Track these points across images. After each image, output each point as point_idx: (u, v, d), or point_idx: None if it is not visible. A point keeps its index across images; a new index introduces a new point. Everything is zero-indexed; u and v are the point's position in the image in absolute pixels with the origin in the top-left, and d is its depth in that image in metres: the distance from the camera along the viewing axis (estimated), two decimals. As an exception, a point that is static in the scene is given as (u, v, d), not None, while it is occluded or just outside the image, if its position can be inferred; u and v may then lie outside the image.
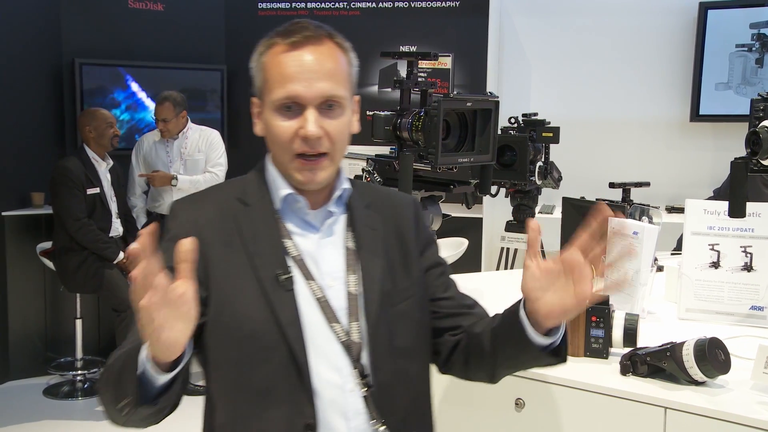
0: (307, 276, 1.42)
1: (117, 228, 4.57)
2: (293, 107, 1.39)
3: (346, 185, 1.51)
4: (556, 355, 1.42)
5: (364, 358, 1.42)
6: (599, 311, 1.91)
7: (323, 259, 1.45)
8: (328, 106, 1.40)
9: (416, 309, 1.52)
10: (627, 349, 1.87)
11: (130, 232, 4.67)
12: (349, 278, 1.45)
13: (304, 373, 1.36)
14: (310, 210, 1.47)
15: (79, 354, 4.76)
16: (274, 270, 1.39)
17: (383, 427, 1.41)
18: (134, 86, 5.40)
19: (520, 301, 1.41)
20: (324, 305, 1.41)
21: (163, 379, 1.23)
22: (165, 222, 1.46)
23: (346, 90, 1.44)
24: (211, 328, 1.38)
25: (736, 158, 2.00)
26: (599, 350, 1.92)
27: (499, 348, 1.45)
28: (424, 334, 1.54)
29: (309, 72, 1.38)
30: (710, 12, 5.21)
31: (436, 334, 1.56)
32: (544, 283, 1.33)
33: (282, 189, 1.45)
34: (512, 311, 1.43)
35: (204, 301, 1.36)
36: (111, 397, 1.26)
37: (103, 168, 4.54)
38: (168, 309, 1.15)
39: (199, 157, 4.83)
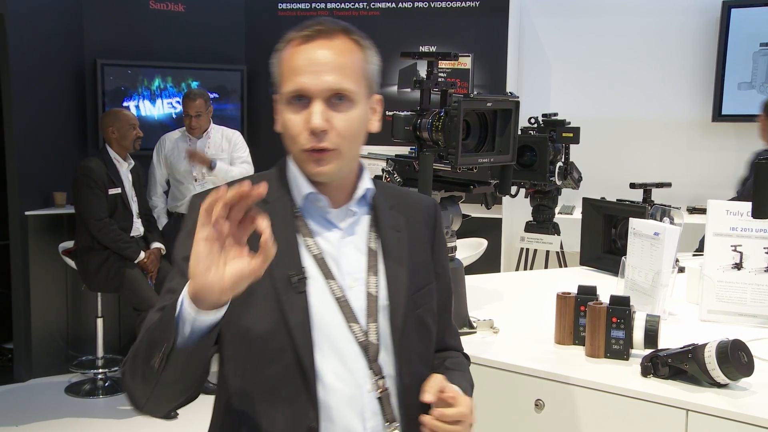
0: (327, 275, 1.40)
1: (138, 228, 4.60)
2: (303, 100, 1.37)
3: (369, 185, 1.49)
4: None
5: (383, 359, 1.42)
6: (620, 312, 1.90)
7: (344, 259, 1.44)
8: (337, 98, 1.38)
9: (429, 314, 1.53)
10: (648, 351, 1.86)
11: (151, 232, 4.71)
12: (369, 279, 1.44)
13: (309, 377, 1.35)
14: (332, 209, 1.45)
15: (100, 353, 4.80)
16: (288, 271, 1.37)
17: (397, 429, 1.41)
18: (154, 86, 5.45)
19: None
20: (343, 305, 1.40)
21: (202, 320, 1.19)
22: (184, 217, 1.45)
23: (359, 85, 1.41)
24: (225, 325, 1.33)
25: (759, 158, 1.98)
26: (620, 351, 1.91)
27: None
28: (432, 340, 1.55)
29: (317, 65, 1.37)
30: (734, 11, 5.16)
31: None
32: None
33: (303, 187, 1.44)
34: None
35: None
36: (142, 360, 1.25)
37: (125, 168, 4.58)
38: (222, 248, 1.16)
39: (223, 156, 4.85)
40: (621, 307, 1.91)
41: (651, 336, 1.88)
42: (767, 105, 4.43)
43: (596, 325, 1.92)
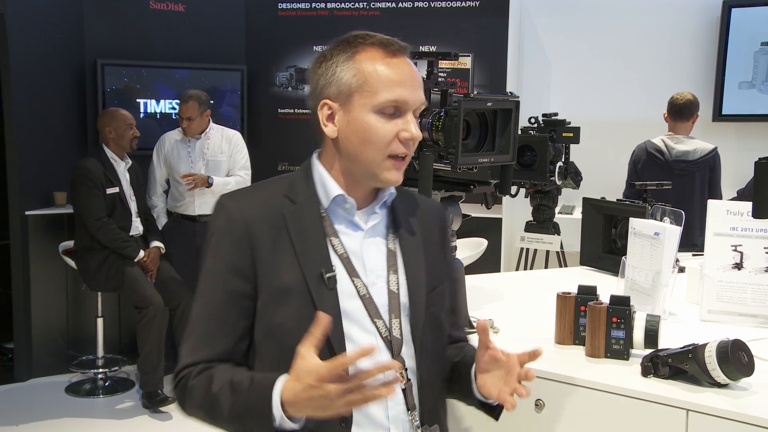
0: (352, 273, 1.48)
1: (137, 227, 4.60)
2: (395, 111, 1.46)
3: (393, 189, 1.57)
4: (491, 412, 1.57)
5: (405, 353, 1.50)
6: (620, 312, 1.90)
7: (368, 258, 1.52)
8: (419, 113, 1.52)
9: (443, 312, 1.61)
10: (648, 351, 1.85)
11: (150, 231, 4.71)
12: (390, 278, 1.52)
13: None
14: (357, 210, 1.53)
15: (100, 352, 4.80)
16: (319, 268, 1.45)
17: (417, 418, 1.51)
18: (154, 86, 5.45)
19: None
20: (367, 302, 1.48)
21: (288, 425, 1.34)
22: (213, 213, 1.51)
23: None
24: (258, 322, 1.46)
25: (760, 158, 1.98)
26: (620, 351, 1.91)
27: (451, 380, 1.63)
28: (445, 336, 1.63)
29: (412, 80, 1.48)
30: (734, 10, 5.16)
31: None
32: (489, 366, 1.50)
33: (332, 189, 1.51)
34: (471, 360, 1.58)
35: (251, 296, 1.46)
36: (216, 412, 1.40)
37: (122, 168, 4.57)
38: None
39: (222, 158, 4.85)
40: (621, 307, 1.91)
41: (651, 336, 1.88)
42: (669, 103, 4.56)
43: (596, 325, 1.92)
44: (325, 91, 1.47)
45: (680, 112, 4.49)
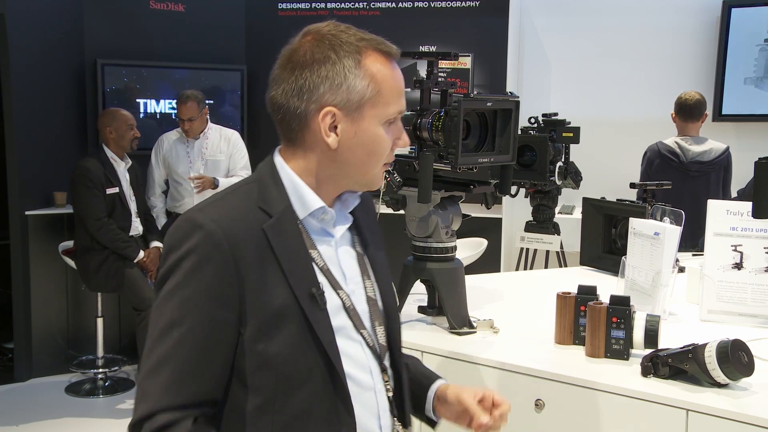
0: (335, 285, 1.38)
1: (137, 227, 4.61)
2: (393, 120, 1.40)
3: (359, 192, 1.48)
4: (431, 424, 1.61)
5: (386, 360, 1.45)
6: (620, 312, 1.90)
7: (345, 265, 1.42)
8: None
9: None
10: (648, 351, 1.86)
11: (150, 231, 4.71)
12: (366, 283, 1.45)
13: (344, 388, 1.34)
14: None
15: (100, 352, 4.80)
16: (309, 287, 1.33)
17: (399, 424, 1.47)
18: (154, 86, 5.45)
19: (437, 379, 1.60)
20: (352, 313, 1.39)
21: None
22: (182, 231, 1.30)
23: None
24: (247, 353, 1.30)
25: (760, 158, 1.98)
26: (620, 351, 1.91)
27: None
28: None
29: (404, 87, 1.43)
30: (734, 10, 5.16)
31: None
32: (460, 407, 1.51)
33: (312, 201, 1.38)
34: (427, 380, 1.60)
35: (235, 327, 1.30)
36: None
37: (122, 168, 4.58)
38: None
39: (221, 157, 4.86)
40: (621, 307, 1.91)
41: (651, 336, 1.88)
42: (678, 103, 4.50)
43: (596, 325, 1.92)
44: (329, 98, 1.33)
45: (691, 112, 4.45)
